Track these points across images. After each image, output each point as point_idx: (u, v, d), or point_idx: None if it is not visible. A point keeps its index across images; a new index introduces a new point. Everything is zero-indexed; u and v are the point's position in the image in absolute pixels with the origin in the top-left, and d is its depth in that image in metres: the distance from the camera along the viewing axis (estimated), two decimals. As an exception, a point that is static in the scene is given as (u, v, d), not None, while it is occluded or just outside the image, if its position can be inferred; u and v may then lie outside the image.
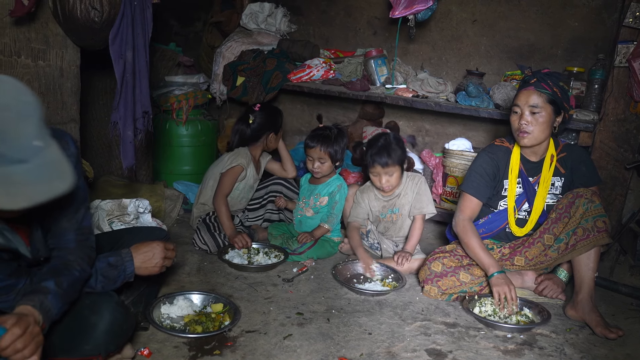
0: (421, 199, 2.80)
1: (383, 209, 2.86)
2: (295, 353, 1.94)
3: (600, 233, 2.26)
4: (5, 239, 1.40)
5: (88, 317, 1.56)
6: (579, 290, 2.30)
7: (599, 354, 2.05)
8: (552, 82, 2.33)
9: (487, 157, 2.50)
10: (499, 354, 2.02)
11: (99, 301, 1.60)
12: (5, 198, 1.16)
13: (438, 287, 2.42)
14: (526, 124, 2.33)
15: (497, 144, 2.54)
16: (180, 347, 1.92)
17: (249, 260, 2.74)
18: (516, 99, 2.37)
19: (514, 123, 2.39)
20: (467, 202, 2.50)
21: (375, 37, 4.02)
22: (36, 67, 2.44)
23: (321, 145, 2.89)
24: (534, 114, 2.31)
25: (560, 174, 2.46)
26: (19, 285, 1.48)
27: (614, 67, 2.77)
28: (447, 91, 3.41)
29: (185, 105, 3.75)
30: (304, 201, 3.06)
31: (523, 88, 2.36)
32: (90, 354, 1.56)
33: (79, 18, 2.38)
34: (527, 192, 2.46)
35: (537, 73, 2.37)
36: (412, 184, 2.82)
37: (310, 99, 4.32)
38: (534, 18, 3.41)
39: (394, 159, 2.70)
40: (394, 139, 2.78)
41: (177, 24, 4.67)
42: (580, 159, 2.46)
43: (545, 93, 2.30)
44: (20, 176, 1.18)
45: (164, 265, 1.84)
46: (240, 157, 3.02)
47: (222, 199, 2.93)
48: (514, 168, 2.47)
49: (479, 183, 2.48)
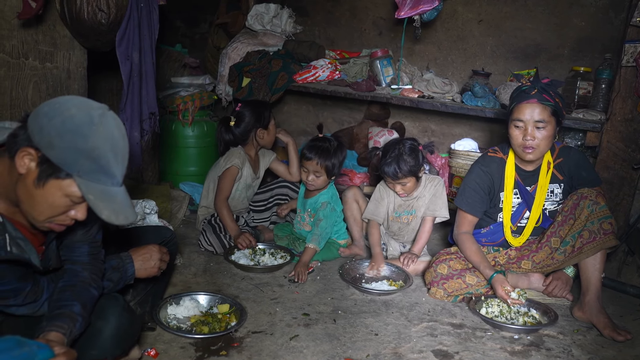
0: (436, 201, 2.76)
1: (399, 207, 2.83)
2: (302, 354, 1.94)
3: (607, 235, 2.24)
4: (19, 249, 1.43)
5: (94, 323, 1.57)
6: (586, 292, 2.29)
7: (607, 356, 2.04)
8: (553, 92, 2.25)
9: (481, 172, 2.46)
10: (506, 355, 2.01)
11: (105, 306, 1.61)
12: (113, 214, 1.37)
13: (444, 289, 2.42)
14: (532, 140, 2.24)
15: (491, 154, 2.49)
16: (186, 347, 1.93)
17: (254, 260, 2.74)
18: (518, 113, 2.25)
19: (516, 138, 2.28)
20: (463, 218, 2.50)
21: (380, 38, 4.02)
22: (44, 68, 2.46)
23: (319, 158, 2.80)
24: (539, 129, 2.24)
25: (558, 180, 2.43)
26: (27, 288, 1.50)
27: (621, 66, 2.75)
28: (453, 91, 3.40)
29: (191, 106, 3.76)
30: (300, 215, 3.03)
31: (524, 100, 2.23)
32: (96, 358, 1.57)
33: (86, 20, 2.40)
34: (527, 201, 2.44)
35: (537, 83, 2.26)
36: (431, 186, 2.78)
37: (316, 100, 4.32)
38: (540, 18, 3.40)
39: (404, 171, 2.62)
40: (409, 149, 2.64)
41: (183, 25, 4.69)
42: (578, 164, 2.40)
43: (548, 105, 2.22)
44: (121, 197, 1.40)
45: (160, 268, 1.88)
46: (234, 157, 2.99)
47: (223, 202, 2.93)
48: (509, 180, 2.43)
49: (474, 199, 2.46)
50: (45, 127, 1.31)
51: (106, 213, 1.35)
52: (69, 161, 1.31)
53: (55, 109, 1.33)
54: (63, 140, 1.30)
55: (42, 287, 1.54)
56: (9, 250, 1.40)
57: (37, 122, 1.32)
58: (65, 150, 1.31)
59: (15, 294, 1.48)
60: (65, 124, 1.31)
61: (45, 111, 1.33)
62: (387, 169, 2.64)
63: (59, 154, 1.31)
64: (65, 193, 1.35)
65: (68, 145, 1.31)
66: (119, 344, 1.61)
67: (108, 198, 1.36)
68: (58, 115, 1.32)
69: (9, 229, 1.42)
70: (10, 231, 1.42)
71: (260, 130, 3.04)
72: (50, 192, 1.34)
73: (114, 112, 1.43)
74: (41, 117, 1.32)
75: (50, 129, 1.30)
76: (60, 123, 1.31)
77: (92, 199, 1.34)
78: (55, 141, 1.30)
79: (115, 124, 1.39)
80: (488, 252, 2.56)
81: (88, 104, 1.37)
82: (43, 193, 1.34)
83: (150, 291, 2.07)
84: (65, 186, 1.34)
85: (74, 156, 1.31)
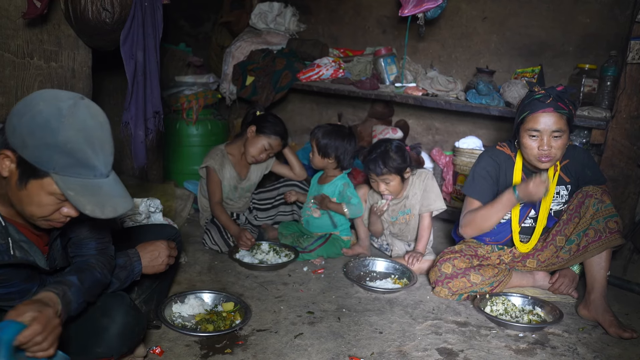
0: (428, 196, 2.75)
1: (393, 212, 2.84)
2: (306, 352, 1.94)
3: (612, 234, 2.23)
4: (23, 252, 1.42)
5: (100, 320, 1.58)
6: (591, 290, 2.28)
7: (612, 354, 2.03)
8: (568, 99, 2.21)
9: (490, 159, 2.45)
10: (511, 353, 2.01)
11: (111, 304, 1.62)
12: (98, 208, 1.30)
13: (448, 288, 2.41)
14: (549, 149, 2.19)
15: (499, 148, 2.48)
16: (191, 345, 1.93)
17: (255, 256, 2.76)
18: (533, 123, 2.19)
19: (531, 149, 2.23)
20: (470, 204, 2.47)
21: (384, 36, 4.02)
22: (49, 68, 2.46)
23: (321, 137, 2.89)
24: (555, 138, 2.18)
25: (565, 182, 2.41)
26: (33, 289, 1.51)
27: (626, 63, 2.73)
28: (457, 89, 3.39)
29: (195, 105, 3.77)
30: (311, 201, 3.07)
31: (540, 110, 2.17)
32: (102, 356, 1.58)
33: (90, 19, 2.40)
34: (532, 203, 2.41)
35: (552, 91, 2.20)
36: (419, 182, 2.77)
37: (320, 98, 4.32)
38: (545, 15, 3.38)
39: (389, 168, 2.63)
40: (395, 147, 2.67)
41: (187, 24, 4.70)
42: (583, 163, 2.39)
43: (564, 114, 2.18)
44: (107, 189, 1.34)
45: (168, 263, 1.88)
46: (209, 157, 3.00)
47: (216, 206, 2.94)
48: (517, 179, 2.41)
49: (482, 186, 2.44)
50: (17, 127, 1.27)
51: (89, 208, 1.29)
52: (44, 159, 1.27)
53: (25, 105, 1.28)
54: (33, 138, 1.26)
55: None
56: (12, 254, 1.39)
57: (11, 122, 1.29)
58: (37, 147, 1.26)
59: (21, 296, 1.48)
60: (35, 120, 1.26)
61: (17, 110, 1.29)
62: (371, 165, 2.66)
63: (32, 153, 1.27)
64: (47, 192, 1.31)
65: (39, 143, 1.25)
66: (125, 341, 1.62)
67: (91, 192, 1.31)
68: (28, 112, 1.27)
69: (12, 232, 1.41)
70: (13, 235, 1.40)
71: (252, 128, 2.98)
72: (34, 192, 1.31)
73: (89, 100, 1.36)
74: (14, 116, 1.28)
75: (22, 127, 1.26)
76: (29, 120, 1.26)
77: (73, 195, 1.29)
78: (27, 140, 1.26)
79: (88, 112, 1.32)
80: (493, 250, 2.56)
81: (57, 96, 1.30)
82: (28, 194, 1.31)
83: (155, 289, 2.08)
84: (46, 185, 1.30)
85: (47, 153, 1.26)
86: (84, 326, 1.57)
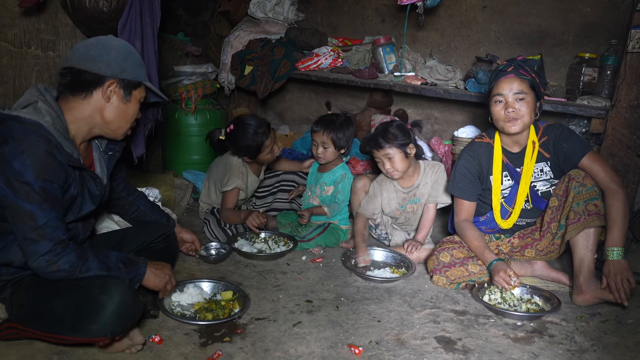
0: (438, 187, 2.76)
1: (403, 200, 2.83)
2: (305, 340, 1.95)
3: (590, 216, 2.23)
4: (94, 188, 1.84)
5: (97, 296, 1.62)
6: (579, 273, 2.28)
7: (610, 342, 2.04)
8: (529, 68, 2.30)
9: (468, 156, 2.48)
10: (509, 341, 2.02)
11: (110, 282, 1.67)
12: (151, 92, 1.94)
13: (446, 277, 2.42)
14: (514, 111, 2.27)
15: (478, 140, 2.51)
16: (190, 334, 1.94)
17: (254, 245, 2.77)
18: (497, 89, 2.30)
19: (498, 113, 2.32)
20: (460, 205, 2.51)
21: (383, 25, 3.99)
22: (46, 57, 2.45)
23: (324, 130, 2.87)
24: (520, 100, 2.27)
25: (545, 158, 2.42)
26: None
27: (627, 52, 2.72)
28: (456, 78, 3.38)
29: (194, 94, 3.76)
30: (311, 189, 3.07)
31: (502, 77, 2.29)
32: (96, 334, 1.61)
33: (87, 8, 2.39)
34: (519, 182, 2.44)
35: (513, 61, 2.33)
36: (432, 173, 2.79)
37: (319, 88, 4.30)
38: (545, 3, 3.36)
39: (389, 140, 2.64)
40: (395, 124, 2.72)
41: (185, 13, 4.67)
42: (559, 137, 2.38)
43: (526, 79, 2.27)
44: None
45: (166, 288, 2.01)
46: (235, 177, 2.92)
47: (229, 212, 2.92)
48: (497, 162, 2.44)
49: (464, 183, 2.48)
50: (112, 61, 1.73)
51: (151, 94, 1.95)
52: (139, 73, 1.81)
53: (102, 48, 1.73)
54: (127, 61, 1.76)
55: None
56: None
57: (97, 63, 1.71)
58: (133, 67, 1.78)
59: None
60: (120, 51, 1.76)
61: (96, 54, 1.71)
62: (372, 141, 2.69)
63: (131, 72, 1.77)
64: (139, 99, 1.84)
65: (133, 64, 1.78)
66: (120, 321, 1.64)
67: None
68: (111, 49, 1.73)
69: (86, 177, 1.79)
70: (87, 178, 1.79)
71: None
72: (133, 103, 1.82)
73: None
74: (99, 58, 1.71)
75: (115, 58, 1.73)
76: (117, 53, 1.74)
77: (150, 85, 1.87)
78: (123, 65, 1.75)
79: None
80: (490, 240, 2.57)
81: (112, 37, 1.80)
82: (130, 106, 1.81)
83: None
84: (139, 93, 1.83)
85: (140, 69, 1.81)
86: (81, 301, 1.62)
